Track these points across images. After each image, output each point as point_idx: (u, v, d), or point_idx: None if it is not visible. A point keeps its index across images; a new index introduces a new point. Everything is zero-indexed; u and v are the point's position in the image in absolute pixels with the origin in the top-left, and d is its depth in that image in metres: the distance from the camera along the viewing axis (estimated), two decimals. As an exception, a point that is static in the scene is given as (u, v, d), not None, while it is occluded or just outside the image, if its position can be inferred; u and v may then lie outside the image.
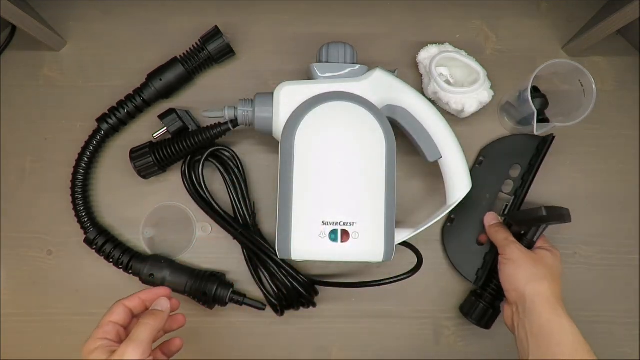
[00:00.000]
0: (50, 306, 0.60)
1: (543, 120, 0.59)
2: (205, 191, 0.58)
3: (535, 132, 0.56)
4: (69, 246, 0.61)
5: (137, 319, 0.47)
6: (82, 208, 0.59)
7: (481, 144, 0.62)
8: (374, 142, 0.51)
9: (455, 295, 0.61)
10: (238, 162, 0.60)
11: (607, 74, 0.65)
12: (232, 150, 0.60)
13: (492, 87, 0.60)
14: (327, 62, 0.55)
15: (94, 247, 0.59)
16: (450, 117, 0.62)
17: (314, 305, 0.59)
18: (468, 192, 0.55)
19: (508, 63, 0.64)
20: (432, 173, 0.61)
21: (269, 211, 0.61)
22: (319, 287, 0.59)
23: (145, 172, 0.58)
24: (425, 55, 0.61)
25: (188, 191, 0.59)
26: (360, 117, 0.52)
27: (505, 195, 0.61)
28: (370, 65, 0.56)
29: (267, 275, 0.58)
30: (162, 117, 0.58)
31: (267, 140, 0.58)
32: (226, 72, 0.64)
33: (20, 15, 0.56)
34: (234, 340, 0.60)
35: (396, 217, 0.53)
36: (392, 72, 0.56)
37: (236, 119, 0.56)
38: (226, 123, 0.57)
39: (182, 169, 0.59)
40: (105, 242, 0.58)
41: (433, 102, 0.61)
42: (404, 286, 0.55)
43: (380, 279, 0.55)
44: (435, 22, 0.65)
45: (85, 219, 0.59)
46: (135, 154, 0.58)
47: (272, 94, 0.54)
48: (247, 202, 0.59)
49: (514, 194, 0.60)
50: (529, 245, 0.55)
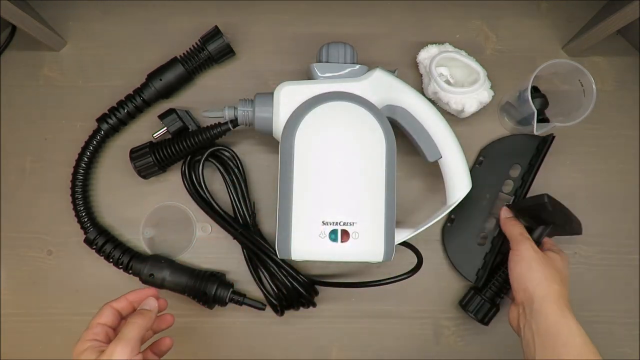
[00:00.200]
0: (50, 306, 0.60)
1: (543, 120, 0.59)
2: (205, 191, 0.58)
3: (535, 132, 0.56)
4: (69, 246, 0.61)
5: (126, 320, 0.47)
6: (82, 208, 0.59)
7: (481, 144, 0.62)
8: (374, 142, 0.51)
9: (455, 296, 0.61)
10: (238, 162, 0.60)
11: (607, 74, 0.65)
12: (232, 150, 0.60)
13: (492, 87, 0.60)
14: (327, 62, 0.55)
15: (94, 247, 0.59)
16: (450, 117, 0.62)
17: (314, 305, 0.59)
18: (468, 192, 0.55)
19: (508, 63, 0.64)
20: (432, 173, 0.61)
21: (269, 211, 0.61)
22: (319, 287, 0.59)
23: (145, 172, 0.58)
24: (425, 55, 0.61)
25: (188, 191, 0.59)
26: (360, 117, 0.52)
27: (506, 196, 0.61)
28: (370, 65, 0.56)
29: (267, 275, 0.58)
30: (162, 117, 0.58)
31: (267, 140, 0.58)
32: (226, 72, 0.64)
33: (20, 15, 0.56)
34: (234, 340, 0.60)
35: (396, 217, 0.53)
36: (392, 72, 0.56)
37: (236, 119, 0.56)
38: (226, 123, 0.57)
39: (182, 169, 0.59)
40: (105, 242, 0.58)
41: (433, 102, 0.61)
42: (404, 286, 0.55)
43: (380, 279, 0.55)
44: (435, 22, 0.65)
45: (85, 219, 0.59)
46: (135, 154, 0.58)
47: (272, 94, 0.54)
48: (247, 202, 0.59)
49: (514, 194, 0.60)
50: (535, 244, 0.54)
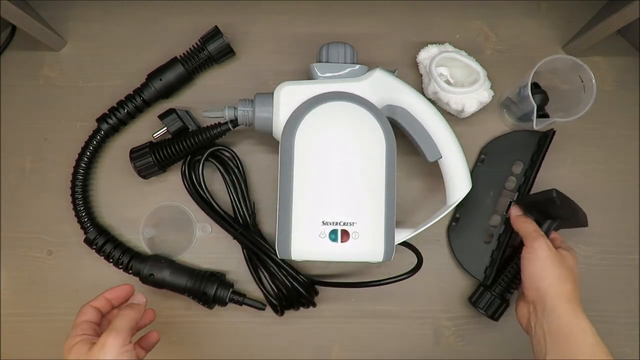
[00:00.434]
0: (50, 306, 0.60)
1: (543, 115, 0.59)
2: (205, 191, 0.58)
3: (535, 127, 0.56)
4: (69, 246, 0.61)
5: (106, 317, 0.49)
6: (82, 208, 0.59)
7: (481, 144, 0.62)
8: (374, 142, 0.51)
9: (455, 295, 0.61)
10: (238, 162, 0.60)
11: (607, 74, 0.64)
12: (232, 150, 0.60)
13: (492, 87, 0.60)
14: (327, 62, 0.55)
15: (94, 247, 0.59)
16: (450, 117, 0.62)
17: (314, 305, 0.59)
18: (469, 192, 0.55)
19: (508, 63, 0.64)
20: (432, 173, 0.61)
21: (269, 211, 0.61)
22: (319, 287, 0.59)
23: (145, 172, 0.58)
24: (425, 55, 0.61)
25: (188, 191, 0.59)
26: (360, 117, 0.52)
27: (509, 192, 0.61)
28: (370, 65, 0.56)
29: (267, 275, 0.58)
30: (162, 117, 0.58)
31: (267, 140, 0.58)
32: (226, 72, 0.64)
33: (20, 15, 0.56)
34: (234, 340, 0.60)
35: (396, 217, 0.53)
36: (392, 72, 0.56)
37: (236, 119, 0.56)
38: (226, 123, 0.57)
39: (182, 169, 0.59)
40: (105, 242, 0.58)
41: (433, 102, 0.61)
42: (404, 286, 0.55)
43: (380, 279, 0.55)
44: (435, 22, 0.65)
45: (85, 219, 0.59)
46: (135, 154, 0.58)
47: (272, 94, 0.54)
48: (247, 202, 0.59)
49: (518, 190, 0.60)
50: None
